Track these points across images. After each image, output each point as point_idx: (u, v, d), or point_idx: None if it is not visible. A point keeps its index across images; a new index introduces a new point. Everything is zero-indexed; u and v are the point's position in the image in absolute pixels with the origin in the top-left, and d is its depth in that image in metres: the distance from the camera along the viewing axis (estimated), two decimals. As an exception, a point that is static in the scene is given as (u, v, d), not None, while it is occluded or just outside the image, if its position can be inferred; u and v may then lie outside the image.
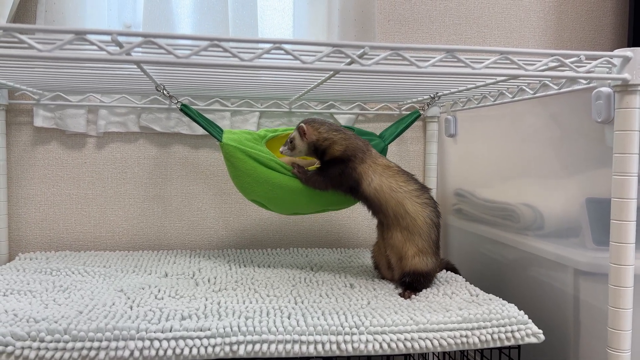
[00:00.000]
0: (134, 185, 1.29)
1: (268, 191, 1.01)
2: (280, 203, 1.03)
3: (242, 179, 1.02)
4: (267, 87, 1.12)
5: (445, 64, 0.66)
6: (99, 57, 0.58)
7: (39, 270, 1.04)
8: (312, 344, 0.76)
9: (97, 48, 0.58)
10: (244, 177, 1.01)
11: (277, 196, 1.02)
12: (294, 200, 1.03)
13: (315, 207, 1.05)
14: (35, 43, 0.56)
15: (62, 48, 0.56)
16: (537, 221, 1.04)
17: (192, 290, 0.94)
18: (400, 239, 0.97)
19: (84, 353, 0.71)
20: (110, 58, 0.58)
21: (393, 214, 0.97)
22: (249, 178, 1.01)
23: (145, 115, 1.27)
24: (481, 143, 1.23)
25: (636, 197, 0.74)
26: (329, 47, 0.62)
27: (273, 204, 1.04)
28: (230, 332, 0.75)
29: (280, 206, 1.04)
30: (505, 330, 0.81)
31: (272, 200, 1.03)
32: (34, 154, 1.25)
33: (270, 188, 1.01)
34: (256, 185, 1.01)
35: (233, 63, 0.60)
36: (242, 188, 1.04)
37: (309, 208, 1.05)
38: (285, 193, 1.01)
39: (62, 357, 0.70)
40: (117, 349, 0.71)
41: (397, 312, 0.83)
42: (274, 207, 1.05)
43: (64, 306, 0.83)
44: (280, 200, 1.02)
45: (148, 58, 0.59)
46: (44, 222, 1.26)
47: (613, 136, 0.75)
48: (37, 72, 0.97)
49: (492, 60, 0.66)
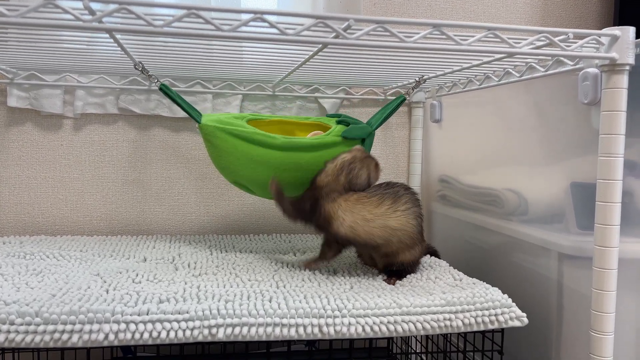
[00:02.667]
0: (112, 169, 1.26)
1: (250, 170, 0.98)
2: (263, 183, 0.99)
3: (224, 159, 0.99)
4: (249, 68, 1.09)
5: (431, 40, 0.64)
6: (68, 25, 0.55)
7: (12, 254, 1.00)
8: (294, 327, 0.74)
9: (72, 17, 0.55)
10: (226, 157, 0.99)
11: (260, 175, 0.99)
12: (282, 172, 0.98)
13: (300, 188, 1.02)
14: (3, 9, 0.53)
15: (25, 16, 0.53)
16: (522, 206, 1.03)
17: (171, 275, 0.91)
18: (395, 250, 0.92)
19: (56, 336, 0.68)
20: (81, 25, 0.55)
21: (382, 241, 0.89)
22: (231, 157, 0.98)
23: (125, 96, 1.23)
24: (466, 129, 1.22)
25: (622, 179, 0.73)
26: (312, 18, 0.60)
27: (255, 185, 1.01)
28: (210, 315, 0.73)
29: (262, 187, 1.01)
30: (489, 314, 0.80)
31: (254, 180, 1.00)
32: (8, 135, 1.21)
33: (252, 166, 0.98)
34: (238, 164, 0.98)
35: (211, 34, 0.58)
36: (224, 169, 1.02)
37: (294, 189, 1.01)
38: (268, 170, 0.98)
39: (32, 340, 0.68)
40: (90, 332, 0.69)
41: (379, 296, 0.82)
42: (256, 189, 1.03)
43: (37, 289, 0.80)
44: (262, 180, 0.99)
45: (121, 27, 0.56)
46: (18, 205, 1.22)
47: (599, 118, 0.74)
48: (10, 47, 0.93)
49: (479, 37, 0.64)
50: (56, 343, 0.68)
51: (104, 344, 0.69)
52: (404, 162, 1.39)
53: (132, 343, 0.70)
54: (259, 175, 0.99)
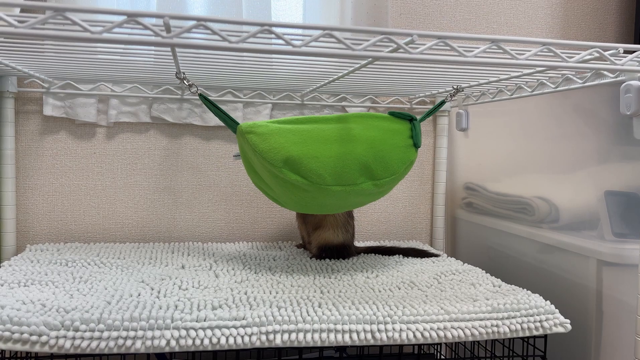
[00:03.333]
0: (144, 177, 1.28)
1: (303, 138, 0.91)
2: (318, 151, 0.90)
3: (270, 139, 0.90)
4: (280, 78, 1.11)
5: (489, 54, 0.66)
6: (147, 41, 0.57)
7: (54, 262, 1.02)
8: (347, 333, 0.76)
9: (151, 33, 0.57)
10: (272, 137, 0.90)
11: (314, 141, 0.91)
12: (334, 143, 0.91)
13: (351, 164, 0.91)
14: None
15: (111, 31, 0.54)
16: (552, 214, 1.06)
17: (215, 282, 0.93)
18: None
19: (119, 342, 0.70)
20: (160, 41, 0.57)
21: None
22: (278, 137, 0.91)
23: (157, 105, 1.25)
24: (493, 137, 1.24)
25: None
26: (377, 34, 0.62)
27: (311, 158, 0.90)
28: (265, 321, 0.75)
29: (317, 157, 0.90)
30: (534, 320, 0.82)
31: (309, 152, 0.90)
32: (43, 143, 1.23)
33: (303, 140, 0.90)
34: (286, 138, 0.90)
35: (284, 49, 0.59)
36: (271, 150, 0.89)
37: (347, 164, 0.91)
38: (321, 143, 0.91)
39: (98, 346, 0.69)
40: (153, 339, 0.70)
41: (425, 302, 0.84)
42: (312, 162, 0.90)
43: (90, 296, 0.81)
44: (317, 148, 0.90)
45: (201, 43, 0.58)
46: (52, 213, 1.24)
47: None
48: (46, 58, 0.95)
49: (535, 51, 0.66)
50: (120, 349, 0.70)
51: (166, 350, 0.71)
52: (429, 170, 1.42)
53: (192, 349, 0.71)
54: (311, 149, 0.90)
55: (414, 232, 1.42)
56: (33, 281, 0.88)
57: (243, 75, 1.09)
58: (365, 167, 0.92)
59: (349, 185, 0.91)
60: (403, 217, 1.41)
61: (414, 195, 1.41)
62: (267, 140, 0.90)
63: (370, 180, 0.93)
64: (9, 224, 1.16)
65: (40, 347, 0.68)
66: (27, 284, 0.87)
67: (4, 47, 0.86)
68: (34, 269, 0.96)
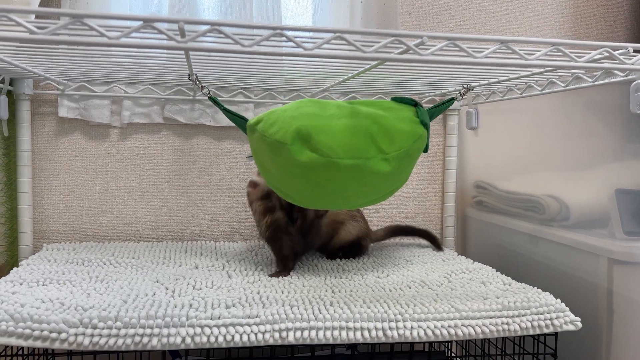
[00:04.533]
0: (157, 177, 1.29)
1: (312, 112, 0.89)
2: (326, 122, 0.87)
3: (279, 117, 0.89)
4: (290, 78, 1.12)
5: (499, 55, 0.67)
6: (163, 45, 0.59)
7: (70, 261, 1.04)
8: (359, 331, 0.77)
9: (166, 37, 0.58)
10: (281, 115, 0.89)
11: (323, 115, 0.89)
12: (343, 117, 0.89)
13: (366, 119, 0.89)
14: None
15: (129, 36, 0.56)
16: (563, 212, 1.06)
17: (228, 282, 0.94)
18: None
19: (136, 339, 0.71)
20: (176, 46, 0.58)
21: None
22: (287, 112, 0.89)
23: (169, 106, 1.27)
24: (504, 136, 1.25)
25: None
26: (388, 36, 0.63)
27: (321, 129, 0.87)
28: (278, 318, 0.76)
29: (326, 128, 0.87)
30: (545, 318, 0.82)
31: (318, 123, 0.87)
32: (58, 144, 1.25)
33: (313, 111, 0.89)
34: (295, 114, 0.88)
35: (296, 52, 0.61)
36: (281, 123, 0.88)
37: (359, 122, 0.89)
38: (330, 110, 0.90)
39: (115, 343, 0.71)
40: (168, 336, 0.72)
41: (436, 301, 0.85)
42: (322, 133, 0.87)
43: (107, 295, 0.83)
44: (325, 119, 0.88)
45: (212, 47, 0.59)
46: (67, 213, 1.26)
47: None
48: (61, 61, 0.97)
49: (544, 52, 0.67)
50: (136, 346, 0.71)
51: (181, 347, 0.72)
52: (439, 169, 1.42)
53: (207, 346, 0.73)
54: (320, 121, 0.87)
55: (424, 230, 1.42)
56: (51, 280, 0.90)
57: (254, 76, 1.10)
58: (372, 138, 0.88)
59: (361, 158, 0.87)
60: (413, 215, 1.42)
61: (424, 194, 1.42)
62: (275, 123, 0.88)
63: (380, 153, 0.88)
64: (26, 223, 1.19)
65: (60, 344, 0.70)
66: (45, 283, 0.89)
67: (21, 51, 0.89)
68: (51, 268, 0.98)
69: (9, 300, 0.77)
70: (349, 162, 0.86)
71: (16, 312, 0.72)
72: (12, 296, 0.79)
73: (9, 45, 0.88)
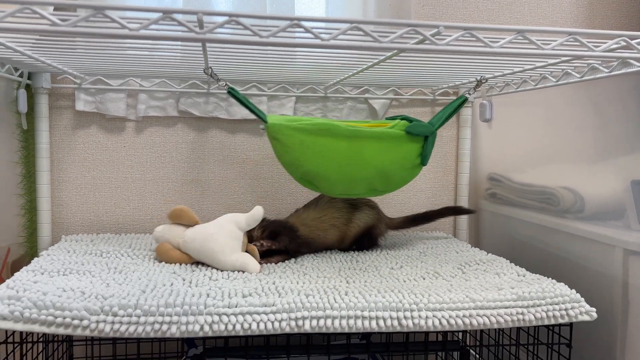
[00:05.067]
0: (172, 169, 1.31)
1: (315, 164, 0.99)
2: (327, 177, 1.01)
3: (289, 155, 1.00)
4: (303, 71, 1.12)
5: (515, 45, 0.67)
6: (182, 37, 0.59)
7: (89, 252, 1.05)
8: (374, 320, 0.78)
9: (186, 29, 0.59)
10: (291, 152, 0.99)
11: (325, 169, 0.99)
12: (346, 166, 1.01)
13: (364, 186, 1.03)
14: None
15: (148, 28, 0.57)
16: (577, 204, 1.05)
17: (243, 273, 0.95)
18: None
19: (156, 327, 0.73)
20: (195, 37, 0.59)
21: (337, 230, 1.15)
22: (296, 152, 0.99)
23: (184, 99, 1.28)
24: (517, 128, 1.24)
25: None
26: (404, 26, 0.63)
27: (321, 179, 1.01)
28: (295, 307, 0.77)
29: (327, 181, 1.01)
30: (560, 308, 0.83)
31: (319, 174, 1.00)
32: (75, 137, 1.27)
33: (317, 160, 0.99)
34: (303, 159, 0.99)
35: (313, 42, 0.61)
36: (290, 165, 1.01)
37: (359, 187, 1.03)
38: (333, 163, 1.00)
39: (135, 330, 0.72)
40: (187, 324, 0.73)
41: (451, 291, 0.85)
42: (321, 183, 1.02)
43: (125, 285, 0.84)
44: (327, 174, 1.00)
45: (230, 38, 0.60)
46: (84, 205, 1.28)
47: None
48: (78, 54, 0.98)
49: (560, 41, 0.67)
50: (156, 333, 0.73)
51: (199, 335, 0.73)
52: (452, 161, 1.42)
53: (224, 334, 0.74)
54: (324, 169, 1.00)
55: (437, 223, 1.42)
56: (71, 270, 0.92)
57: (267, 69, 1.10)
58: (370, 184, 1.04)
59: (354, 194, 1.07)
60: (426, 208, 1.42)
61: (437, 187, 1.42)
62: (288, 153, 1.01)
63: (372, 191, 1.07)
64: (45, 215, 1.21)
65: (82, 330, 0.71)
66: (65, 272, 0.91)
67: (39, 44, 0.90)
68: (70, 258, 1.00)
69: (32, 289, 0.79)
70: (343, 196, 1.10)
71: (39, 300, 0.73)
72: (34, 285, 0.81)
73: (29, 38, 0.89)
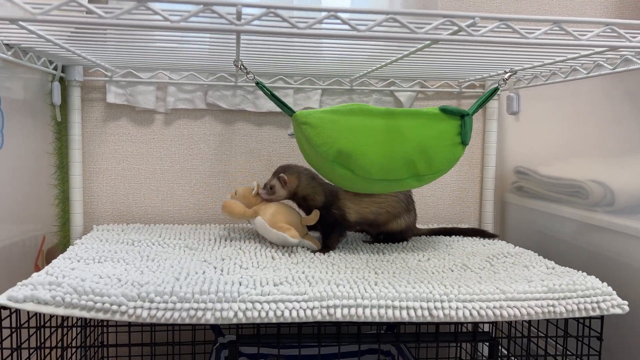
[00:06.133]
0: (200, 161, 1.33)
1: (351, 140, 0.94)
2: (364, 153, 0.94)
3: (322, 135, 0.95)
4: (329, 64, 1.13)
5: (549, 36, 0.67)
6: (220, 28, 0.61)
7: (121, 241, 1.08)
8: (405, 310, 0.78)
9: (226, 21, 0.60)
10: (324, 132, 0.95)
11: (361, 145, 0.94)
12: (383, 142, 0.95)
13: (403, 166, 0.97)
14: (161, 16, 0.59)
15: (187, 20, 0.58)
16: (607, 197, 1.05)
17: (272, 262, 0.96)
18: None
19: (191, 313, 0.74)
20: (234, 29, 0.60)
21: (385, 217, 1.12)
22: (329, 131, 0.94)
23: (212, 92, 1.30)
24: (546, 121, 1.23)
25: None
26: (439, 17, 0.63)
27: (360, 155, 0.94)
28: (326, 296, 0.78)
29: (364, 156, 0.95)
30: (591, 301, 0.82)
31: (354, 151, 0.94)
32: (106, 129, 1.29)
33: (352, 136, 0.94)
34: (338, 136, 0.94)
35: (350, 34, 0.62)
36: (322, 145, 0.94)
37: (397, 166, 0.96)
38: (369, 139, 0.95)
39: (171, 316, 0.74)
40: (222, 310, 0.75)
41: (480, 282, 0.85)
42: (361, 159, 0.94)
43: (159, 273, 0.86)
44: (363, 150, 0.94)
45: (269, 30, 0.61)
46: (115, 195, 1.31)
47: None
48: (109, 47, 1.00)
49: (596, 32, 0.66)
50: (191, 319, 0.74)
51: (233, 321, 0.75)
52: (479, 154, 1.42)
53: (257, 321, 0.76)
54: (360, 146, 0.94)
55: (463, 216, 1.42)
56: (105, 258, 0.94)
57: (294, 62, 1.11)
58: (411, 164, 0.97)
59: (394, 179, 0.98)
60: (452, 201, 1.42)
61: (462, 179, 1.42)
62: (320, 134, 0.96)
63: (414, 176, 0.99)
64: (77, 205, 1.24)
65: (120, 316, 0.74)
66: (100, 260, 0.93)
67: (74, 37, 0.92)
68: (104, 247, 1.02)
69: (70, 275, 0.81)
70: (382, 182, 0.99)
71: (78, 285, 0.76)
72: (72, 272, 0.84)
73: (65, 31, 0.92)
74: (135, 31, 0.90)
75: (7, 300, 0.73)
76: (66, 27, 0.90)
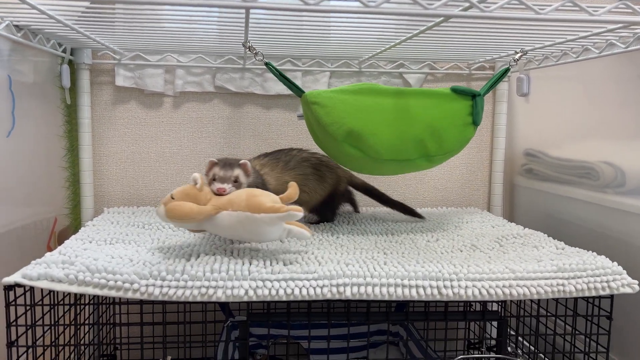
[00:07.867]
0: (208, 144, 1.33)
1: (361, 120, 0.94)
2: (375, 132, 0.94)
3: (332, 115, 0.94)
4: (337, 44, 1.12)
5: (561, 12, 0.66)
6: (229, 4, 0.60)
7: (131, 224, 1.09)
8: (414, 288, 0.79)
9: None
10: (334, 112, 0.94)
11: (370, 124, 0.94)
12: (393, 121, 0.94)
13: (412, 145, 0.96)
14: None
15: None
16: (618, 178, 1.04)
17: (282, 246, 0.96)
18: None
19: (202, 291, 0.75)
20: (243, 4, 0.60)
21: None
22: (339, 111, 0.94)
23: (220, 75, 1.29)
24: (556, 102, 1.22)
25: None
26: (451, -7, 0.63)
27: (370, 134, 0.93)
28: (335, 274, 0.78)
29: (374, 135, 0.94)
30: (601, 280, 0.82)
31: (364, 130, 0.93)
32: (114, 112, 1.30)
33: (362, 115, 0.94)
34: (346, 115, 0.94)
35: (360, 9, 0.61)
36: (333, 123, 0.94)
37: (407, 146, 0.96)
38: (379, 118, 0.94)
39: (183, 294, 0.75)
40: (232, 288, 0.76)
41: (490, 262, 0.86)
42: (371, 138, 0.94)
43: (169, 254, 0.87)
44: (373, 129, 0.93)
45: (278, 5, 0.60)
46: (124, 178, 1.31)
47: None
48: (117, 27, 1.00)
49: (609, 8, 0.66)
50: (203, 297, 0.75)
51: (244, 299, 0.76)
52: (488, 136, 1.41)
53: (268, 299, 0.76)
54: (370, 125, 0.94)
55: (472, 198, 1.42)
56: (117, 240, 0.95)
57: (302, 43, 1.11)
58: (421, 144, 0.96)
59: (404, 160, 0.97)
60: (461, 184, 1.42)
61: (471, 162, 1.41)
62: (330, 114, 0.95)
63: (424, 156, 0.98)
64: (88, 188, 1.25)
65: (132, 293, 0.74)
66: (112, 242, 0.94)
67: (83, 18, 0.92)
68: (115, 229, 1.03)
69: (83, 255, 0.82)
70: (392, 162, 0.97)
71: (91, 264, 0.77)
72: (85, 252, 0.85)
73: (75, 11, 0.92)
74: (144, 10, 0.90)
75: (22, 277, 0.74)
76: (76, 7, 0.90)
